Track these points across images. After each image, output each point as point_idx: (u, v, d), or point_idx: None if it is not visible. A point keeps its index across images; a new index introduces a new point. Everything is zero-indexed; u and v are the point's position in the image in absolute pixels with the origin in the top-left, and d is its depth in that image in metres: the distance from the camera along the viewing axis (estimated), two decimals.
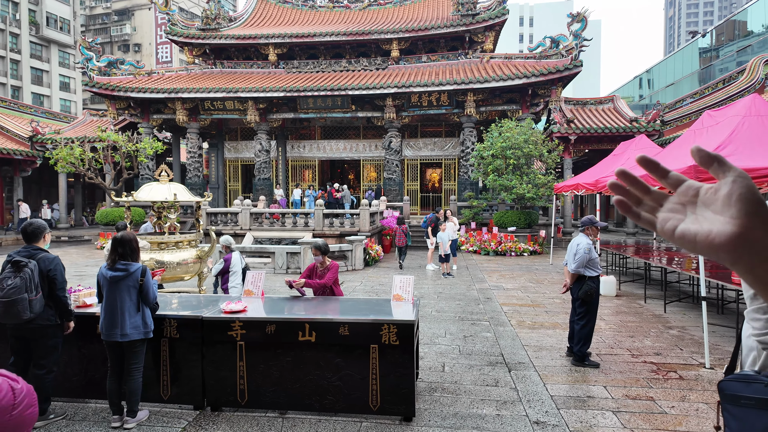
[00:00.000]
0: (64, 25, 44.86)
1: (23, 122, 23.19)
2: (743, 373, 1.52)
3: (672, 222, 0.57)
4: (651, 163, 0.57)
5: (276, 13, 25.29)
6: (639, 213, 0.60)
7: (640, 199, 0.61)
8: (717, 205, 0.53)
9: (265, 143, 20.48)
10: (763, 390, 1.40)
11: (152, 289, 3.84)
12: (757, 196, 0.51)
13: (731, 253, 0.51)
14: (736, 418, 1.45)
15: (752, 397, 1.41)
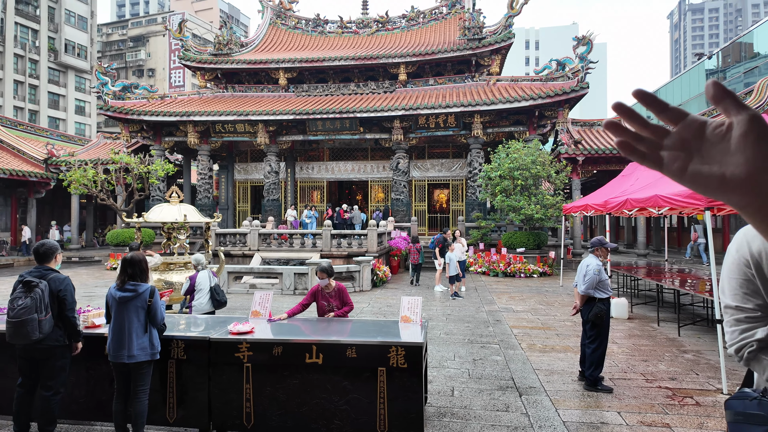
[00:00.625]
0: (82, 51, 46.28)
1: (39, 145, 23.74)
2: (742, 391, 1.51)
3: (680, 162, 0.54)
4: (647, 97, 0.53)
5: (286, 38, 25.92)
6: (643, 152, 0.56)
7: (640, 137, 0.57)
8: (727, 144, 0.50)
9: (274, 165, 20.71)
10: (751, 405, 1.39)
11: (160, 310, 3.84)
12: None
13: (744, 196, 0.50)
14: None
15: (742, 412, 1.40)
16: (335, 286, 5.16)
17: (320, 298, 5.09)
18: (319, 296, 5.10)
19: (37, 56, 42.44)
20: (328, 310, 5.05)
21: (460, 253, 12.32)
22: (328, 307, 5.06)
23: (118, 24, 63.77)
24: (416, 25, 25.22)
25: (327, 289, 5.13)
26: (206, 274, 6.25)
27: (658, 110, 0.55)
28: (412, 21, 25.38)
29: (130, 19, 64.95)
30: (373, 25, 25.72)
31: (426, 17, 25.37)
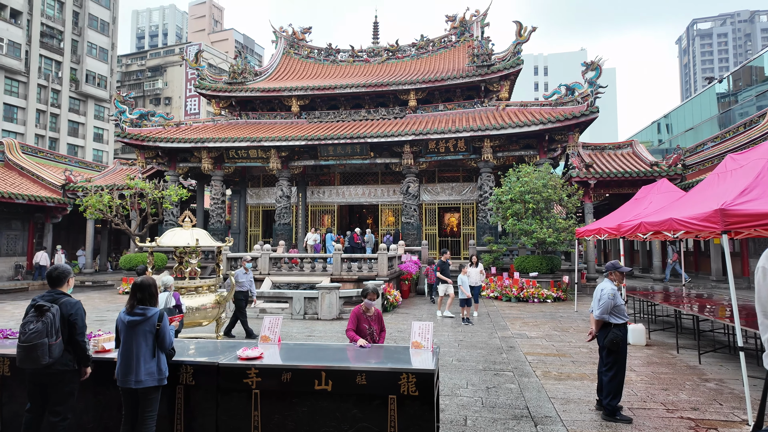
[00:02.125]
0: (102, 81, 47.89)
1: (58, 171, 24.34)
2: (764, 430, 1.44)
3: None
4: None
5: (299, 67, 26.57)
6: None
7: None
8: None
9: (286, 189, 20.93)
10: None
11: (168, 334, 3.83)
12: None
13: None
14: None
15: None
16: (375, 310, 5.20)
17: (362, 321, 5.08)
18: (361, 319, 5.09)
19: (59, 86, 43.98)
20: (368, 333, 5.04)
21: (477, 279, 12.18)
22: (369, 330, 5.06)
23: (137, 55, 66.08)
24: (426, 53, 25.71)
25: (368, 312, 5.15)
26: (164, 296, 6.26)
27: None
28: (422, 49, 25.90)
29: (149, 51, 67.32)
30: (383, 54, 26.28)
31: (435, 45, 25.87)
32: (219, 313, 8.08)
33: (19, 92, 40.92)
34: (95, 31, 47.22)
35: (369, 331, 5.07)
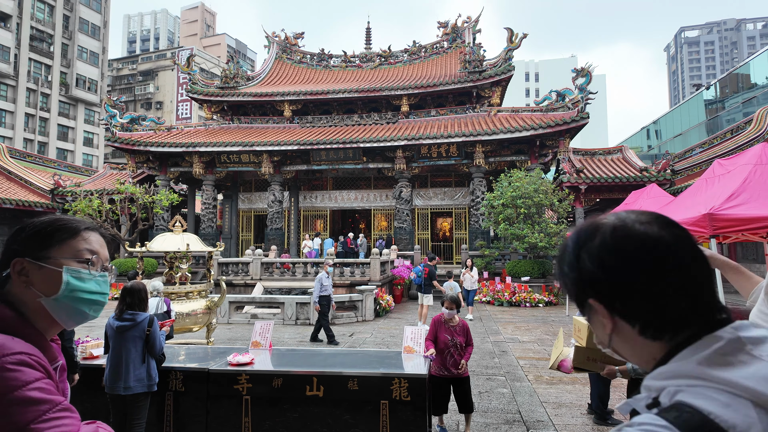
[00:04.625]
0: (92, 85, 47.53)
1: (46, 176, 24.06)
2: None
3: None
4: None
5: (292, 72, 26.57)
6: None
7: None
8: None
9: (278, 194, 20.85)
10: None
11: (159, 340, 3.78)
12: None
13: None
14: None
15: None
16: (460, 321, 4.80)
17: (443, 330, 4.67)
18: (441, 328, 4.67)
19: (49, 90, 43.58)
20: (451, 345, 4.60)
21: (471, 283, 12.27)
22: (452, 342, 4.60)
23: (129, 59, 65.72)
24: (418, 58, 25.85)
25: (451, 322, 4.74)
26: (155, 301, 6.27)
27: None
28: (414, 55, 26.04)
29: (140, 55, 66.98)
30: (376, 59, 26.39)
31: (427, 51, 26.03)
32: (210, 319, 8.01)
33: (8, 96, 40.48)
34: (86, 34, 46.90)
35: (452, 342, 4.59)
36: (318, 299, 9.51)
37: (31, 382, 0.86)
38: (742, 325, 0.66)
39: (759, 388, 0.58)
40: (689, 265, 0.68)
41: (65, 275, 1.01)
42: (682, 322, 0.68)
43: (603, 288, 0.70)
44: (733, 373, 0.61)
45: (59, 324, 1.03)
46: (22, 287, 0.99)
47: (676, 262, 0.67)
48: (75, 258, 1.03)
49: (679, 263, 0.68)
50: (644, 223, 0.70)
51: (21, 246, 1.01)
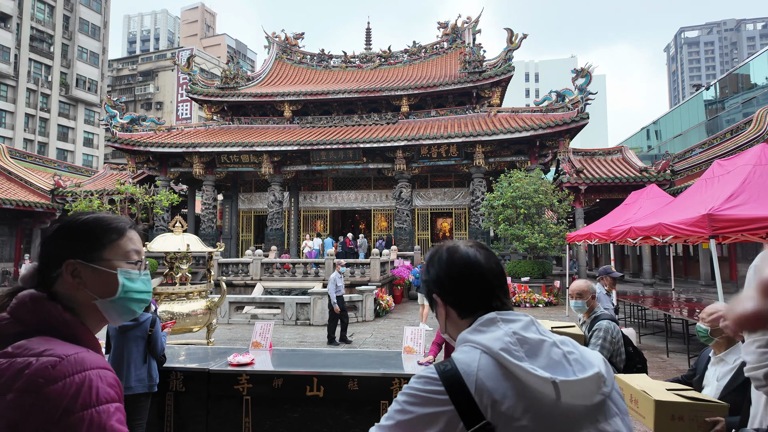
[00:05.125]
0: (92, 85, 47.55)
1: (46, 176, 24.07)
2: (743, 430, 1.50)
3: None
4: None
5: (292, 72, 26.58)
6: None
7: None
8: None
9: (278, 194, 20.86)
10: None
11: (160, 340, 3.79)
12: None
13: None
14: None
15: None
16: None
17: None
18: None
19: (49, 90, 43.60)
20: None
21: None
22: None
23: (129, 59, 65.75)
24: (418, 59, 25.87)
25: None
26: None
27: None
28: (414, 55, 26.05)
29: (141, 55, 67.02)
30: (376, 60, 26.40)
31: (427, 52, 26.05)
32: (210, 319, 8.02)
33: (8, 96, 40.49)
34: (86, 35, 46.92)
35: None
36: (336, 300, 9.48)
37: (113, 414, 0.87)
38: (506, 311, 1.02)
39: (485, 342, 0.93)
40: (487, 273, 1.04)
41: (120, 278, 1.03)
42: (480, 308, 1.02)
43: (441, 286, 1.07)
44: (478, 336, 0.96)
45: (107, 322, 1.05)
46: (74, 289, 1.00)
47: (479, 271, 1.04)
48: (125, 259, 1.05)
49: (481, 272, 1.04)
50: (468, 247, 1.08)
51: (70, 247, 1.01)
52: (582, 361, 0.94)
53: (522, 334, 0.95)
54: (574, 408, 0.88)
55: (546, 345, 0.94)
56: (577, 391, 0.88)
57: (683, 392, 2.36)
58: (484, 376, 0.88)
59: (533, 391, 0.86)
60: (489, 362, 0.90)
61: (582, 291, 3.42)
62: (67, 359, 0.86)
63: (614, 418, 0.93)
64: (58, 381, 0.82)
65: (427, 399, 0.89)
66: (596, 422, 0.90)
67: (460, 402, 0.87)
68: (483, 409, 0.86)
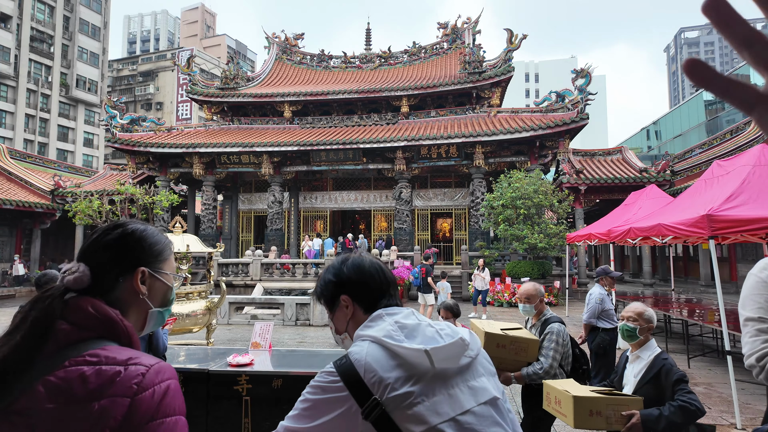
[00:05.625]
0: (92, 86, 47.56)
1: (46, 176, 24.07)
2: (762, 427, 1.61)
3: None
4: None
5: (292, 73, 26.59)
6: None
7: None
8: None
9: (278, 195, 20.87)
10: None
11: (162, 339, 3.79)
12: None
13: None
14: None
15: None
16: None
17: None
18: None
19: (49, 91, 43.62)
20: None
21: (482, 284, 12.39)
22: None
23: (129, 60, 65.77)
24: (418, 59, 25.87)
25: None
26: None
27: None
28: (414, 56, 26.06)
29: (141, 55, 67.03)
30: (376, 60, 26.41)
31: (427, 52, 26.05)
32: (210, 320, 8.02)
33: (8, 96, 40.50)
34: (86, 35, 46.93)
35: None
36: None
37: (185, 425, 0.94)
38: (390, 307, 1.18)
39: (373, 333, 1.08)
40: (387, 278, 1.24)
41: (172, 290, 1.11)
42: (379, 305, 1.19)
43: (351, 286, 1.21)
44: (368, 330, 1.10)
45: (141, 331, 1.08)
46: (137, 296, 1.02)
47: (381, 276, 1.23)
48: (174, 274, 1.12)
49: (383, 276, 1.23)
50: (371, 258, 1.27)
51: (139, 255, 1.04)
52: (452, 334, 1.11)
53: (402, 322, 1.11)
54: (447, 370, 1.05)
55: (421, 326, 1.11)
56: (445, 355, 1.05)
57: (602, 390, 2.49)
58: (372, 360, 1.03)
59: (413, 363, 1.03)
60: (375, 348, 1.05)
61: (530, 295, 3.41)
62: (153, 368, 0.90)
63: (481, 378, 1.11)
64: (147, 389, 0.85)
65: (324, 388, 1.05)
66: (466, 381, 1.08)
67: (353, 386, 1.01)
68: (371, 388, 1.00)
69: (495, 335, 3.03)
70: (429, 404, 1.00)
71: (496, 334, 3.04)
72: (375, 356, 1.03)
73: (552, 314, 3.35)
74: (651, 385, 2.56)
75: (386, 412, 0.98)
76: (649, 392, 2.53)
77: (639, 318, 2.74)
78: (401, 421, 0.98)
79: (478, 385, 1.09)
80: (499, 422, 1.07)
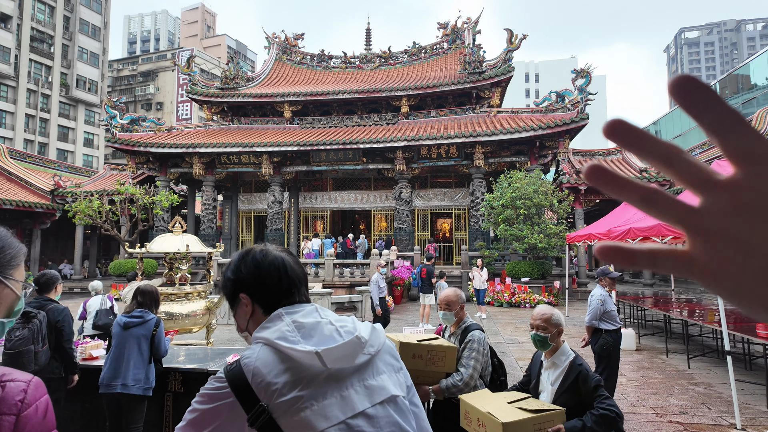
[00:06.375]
0: (92, 86, 47.56)
1: (46, 176, 24.07)
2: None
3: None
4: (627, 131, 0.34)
5: (292, 73, 26.59)
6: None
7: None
8: None
9: (278, 195, 20.86)
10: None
11: (164, 341, 3.79)
12: None
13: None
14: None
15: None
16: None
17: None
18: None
19: (49, 91, 43.62)
20: None
21: (480, 283, 12.43)
22: None
23: (129, 60, 65.76)
24: (418, 59, 25.87)
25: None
26: (99, 299, 6.81)
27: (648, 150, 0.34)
28: (414, 56, 26.06)
29: (141, 56, 67.02)
30: (376, 60, 26.40)
31: (427, 52, 26.05)
32: (209, 320, 8.01)
33: (8, 97, 40.51)
34: (86, 35, 46.94)
35: None
36: (379, 301, 9.38)
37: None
38: (292, 305, 1.12)
39: (266, 335, 1.03)
40: (292, 276, 1.16)
41: (21, 301, 1.02)
42: (278, 305, 1.12)
43: (250, 285, 1.14)
44: (263, 332, 1.05)
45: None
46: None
47: (285, 274, 1.15)
48: (24, 283, 1.03)
49: (288, 274, 1.15)
50: (278, 252, 1.19)
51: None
52: (354, 331, 1.07)
53: (300, 321, 1.06)
54: (342, 371, 1.02)
55: (321, 325, 1.07)
56: (339, 355, 1.01)
57: (524, 403, 2.42)
58: (261, 364, 0.99)
59: (304, 365, 0.99)
60: (266, 351, 1.01)
61: (450, 301, 3.14)
62: (32, 383, 0.87)
63: (381, 375, 1.07)
64: (31, 405, 0.84)
65: (212, 396, 0.99)
66: (364, 379, 1.04)
67: (240, 392, 0.97)
68: (258, 393, 0.97)
69: (410, 345, 2.82)
70: (318, 408, 0.96)
71: (411, 343, 2.83)
72: (265, 360, 1.00)
73: (472, 322, 3.13)
74: (570, 394, 2.52)
75: (273, 418, 0.95)
76: (568, 401, 2.49)
77: (548, 325, 2.65)
78: (288, 428, 0.94)
79: (376, 384, 1.05)
80: (397, 422, 1.03)
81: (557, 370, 2.63)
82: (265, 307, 1.13)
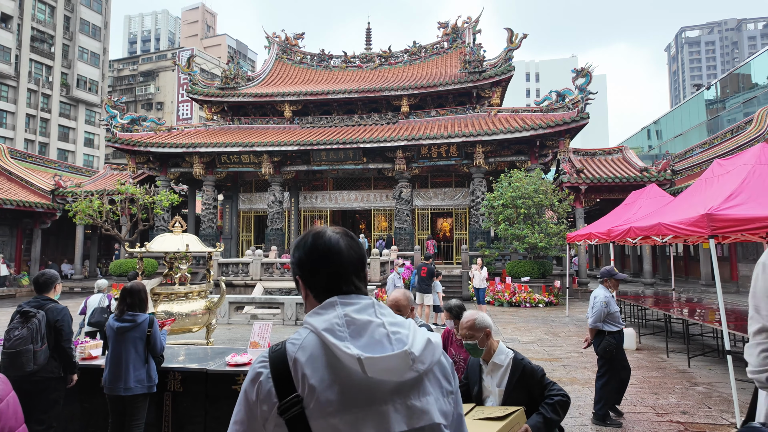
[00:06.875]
0: (93, 86, 47.57)
1: (47, 176, 24.08)
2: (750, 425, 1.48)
3: None
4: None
5: (292, 73, 26.58)
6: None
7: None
8: None
9: (278, 194, 20.87)
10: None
11: (159, 339, 3.79)
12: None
13: None
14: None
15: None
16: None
17: (450, 344, 3.87)
18: (450, 342, 3.88)
19: (50, 91, 43.64)
20: (456, 361, 3.70)
21: (480, 281, 12.42)
22: (456, 358, 3.72)
23: (129, 60, 65.78)
24: (418, 59, 25.85)
25: (457, 335, 3.83)
26: (98, 297, 6.94)
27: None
28: (414, 55, 26.04)
29: (141, 55, 67.03)
30: (376, 60, 26.39)
31: (428, 52, 26.03)
32: (209, 320, 8.01)
33: (9, 96, 40.53)
34: (87, 35, 46.94)
35: (456, 358, 3.72)
36: None
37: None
38: (349, 296, 1.05)
39: (316, 324, 0.98)
40: (344, 260, 1.08)
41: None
42: (332, 292, 1.05)
43: (302, 269, 1.10)
44: (314, 318, 1.00)
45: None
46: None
47: (337, 257, 1.08)
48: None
49: (339, 258, 1.08)
50: (333, 233, 1.12)
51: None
52: (405, 340, 0.98)
53: (352, 316, 0.99)
54: (383, 383, 0.94)
55: (372, 326, 0.99)
56: (384, 367, 0.93)
57: (477, 412, 2.36)
58: (303, 353, 0.96)
59: (345, 366, 0.93)
60: (313, 341, 0.98)
61: (401, 306, 2.88)
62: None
63: (427, 397, 0.98)
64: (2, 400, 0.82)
65: (255, 375, 0.98)
66: (407, 398, 0.96)
67: (278, 376, 0.95)
68: (296, 383, 0.93)
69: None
70: (349, 418, 0.91)
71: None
72: (309, 350, 0.96)
73: (423, 323, 2.95)
74: (519, 391, 2.50)
75: (304, 414, 0.91)
76: (519, 399, 2.46)
77: (473, 331, 2.59)
78: (317, 429, 0.90)
79: (419, 406, 0.96)
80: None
81: (500, 371, 2.58)
82: (315, 293, 1.08)
